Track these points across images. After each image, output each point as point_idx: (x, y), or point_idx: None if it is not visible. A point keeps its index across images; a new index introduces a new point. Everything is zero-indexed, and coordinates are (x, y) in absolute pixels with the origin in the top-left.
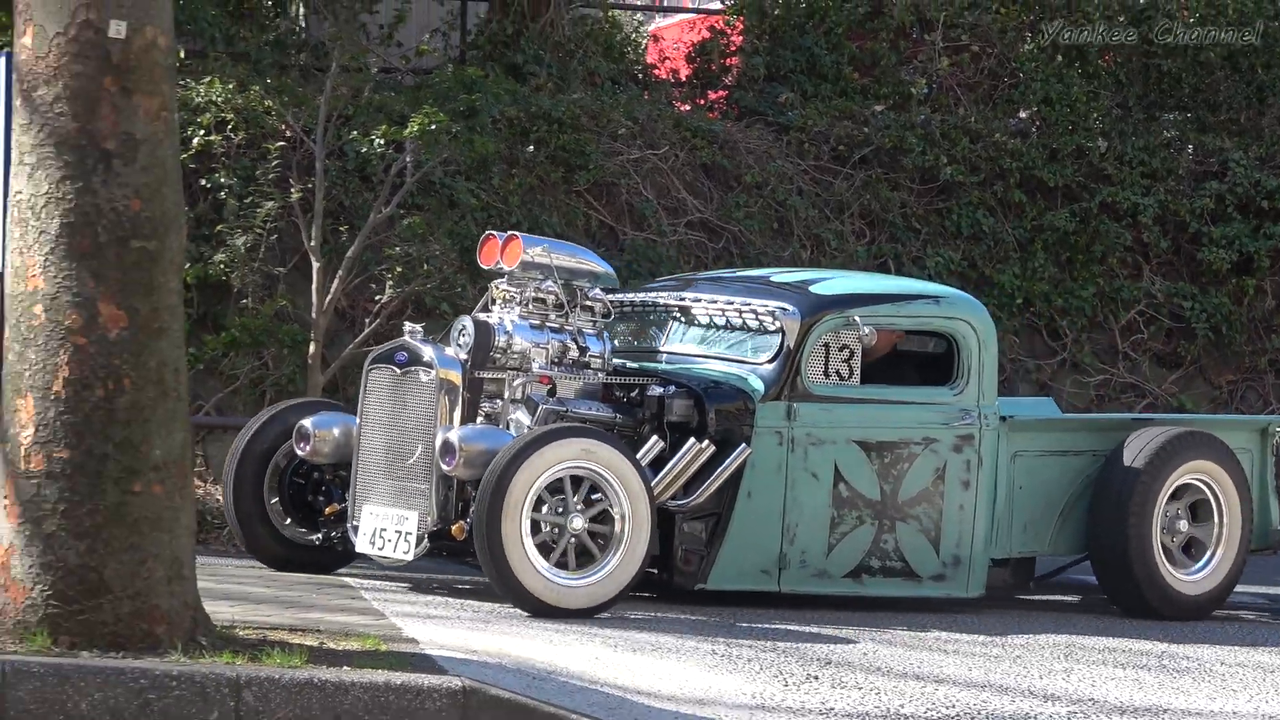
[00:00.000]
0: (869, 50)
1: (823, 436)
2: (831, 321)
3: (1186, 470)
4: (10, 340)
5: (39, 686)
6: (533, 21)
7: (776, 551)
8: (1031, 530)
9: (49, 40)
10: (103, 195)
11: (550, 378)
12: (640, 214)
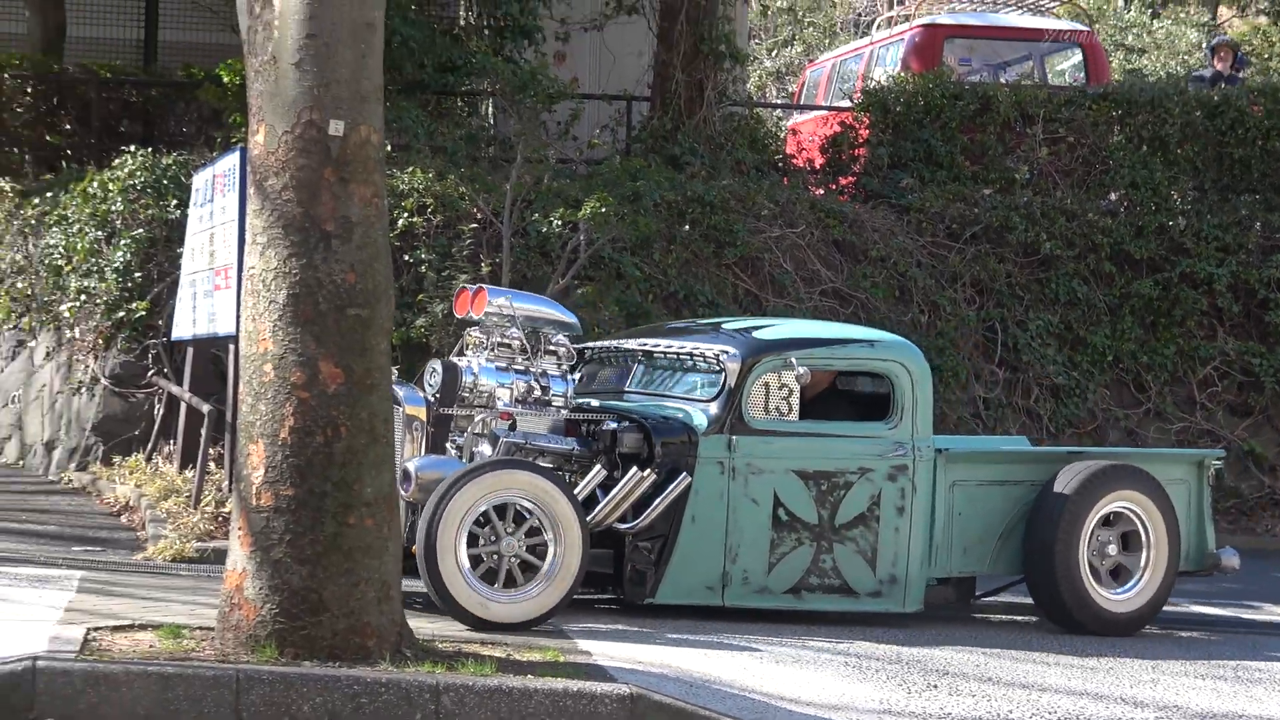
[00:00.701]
0: (978, 141)
1: (762, 466)
2: (770, 363)
3: (1113, 499)
4: (244, 394)
5: (268, 692)
6: (688, 118)
7: (720, 570)
8: (971, 553)
9: (278, 137)
10: (323, 270)
11: (511, 414)
12: (780, 284)
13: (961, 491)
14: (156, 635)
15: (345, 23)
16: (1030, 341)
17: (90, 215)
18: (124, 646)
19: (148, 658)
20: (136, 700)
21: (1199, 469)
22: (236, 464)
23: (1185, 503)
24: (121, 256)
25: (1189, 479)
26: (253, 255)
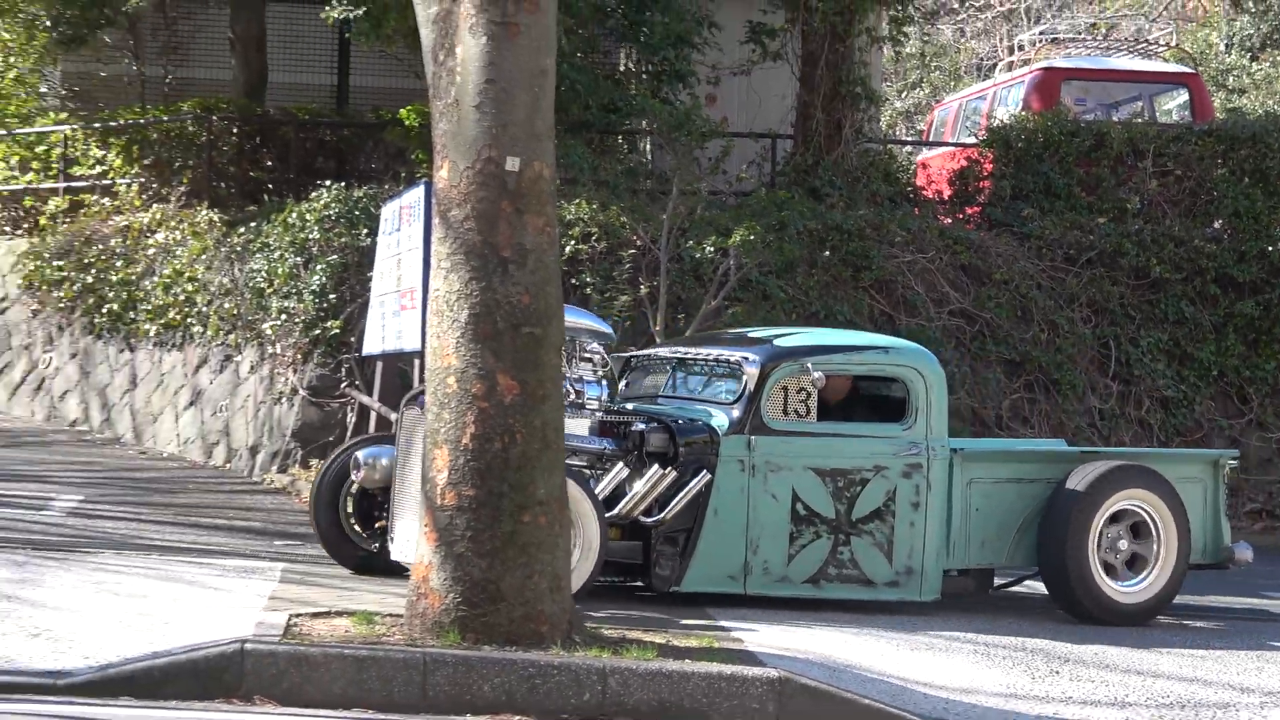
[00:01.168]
0: (1093, 174)
1: (781, 464)
2: (787, 368)
3: (1122, 497)
4: (430, 404)
5: (451, 673)
6: (827, 154)
7: (741, 561)
8: (989, 546)
9: (460, 172)
10: (500, 292)
11: None
12: (912, 305)
13: (978, 489)
14: (351, 622)
15: (521, 69)
16: (1141, 357)
17: (290, 243)
18: (322, 631)
19: (343, 642)
20: (334, 680)
21: (1214, 468)
22: (423, 467)
23: (1201, 500)
24: (318, 280)
25: (1204, 478)
26: (437, 279)
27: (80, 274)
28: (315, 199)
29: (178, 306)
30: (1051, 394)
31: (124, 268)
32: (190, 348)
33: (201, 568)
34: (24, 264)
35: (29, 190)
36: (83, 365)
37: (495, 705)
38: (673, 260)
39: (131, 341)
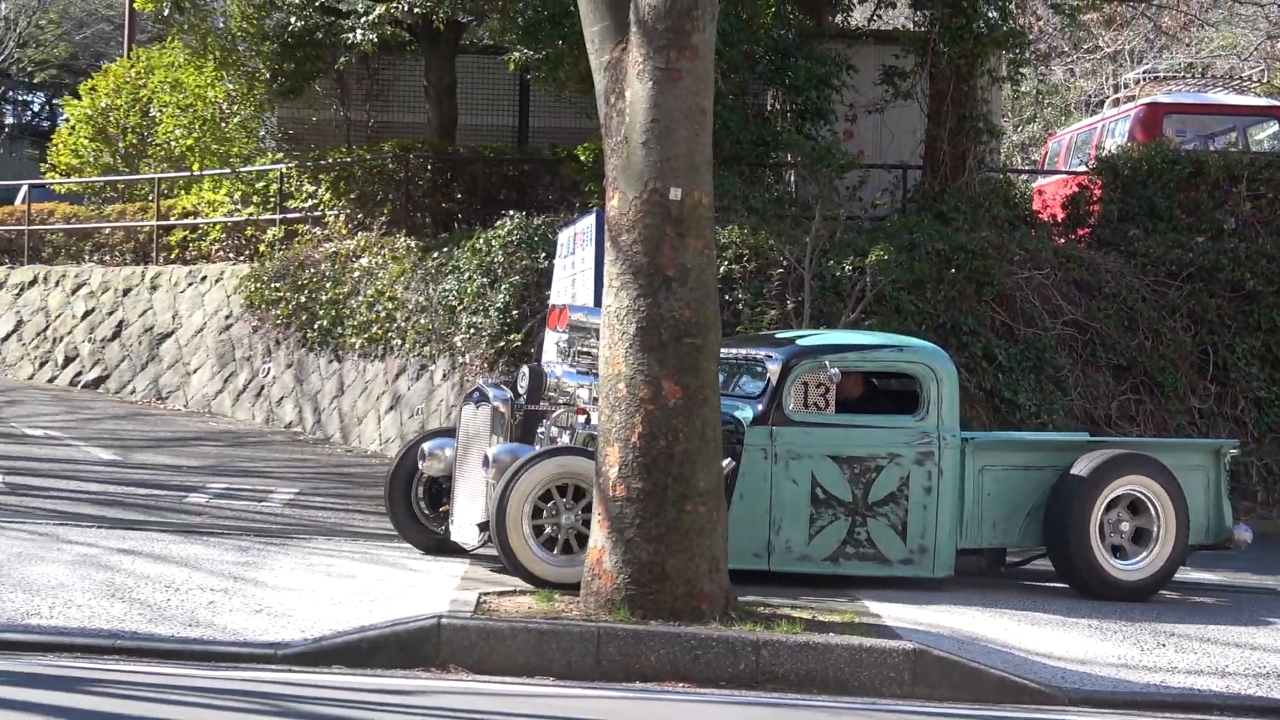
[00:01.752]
0: (1192, 198)
1: (800, 452)
2: (807, 365)
3: (1123, 483)
4: (602, 407)
5: (622, 645)
6: (953, 183)
7: (765, 540)
8: (999, 527)
9: (629, 201)
10: (665, 307)
11: (585, 409)
12: (1030, 316)
13: (990, 475)
14: (533, 599)
15: (682, 109)
16: (1237, 362)
17: (477, 266)
18: (508, 608)
19: (527, 617)
20: (519, 651)
21: (1216, 456)
22: (597, 462)
23: (1204, 486)
24: (502, 298)
25: (1207, 465)
26: (609, 296)
27: (294, 294)
28: (500, 227)
29: (379, 322)
30: (1155, 395)
31: (332, 288)
32: (390, 358)
33: (401, 552)
34: (246, 286)
35: (250, 221)
36: (297, 374)
37: (661, 674)
38: (815, 278)
39: (339, 353)
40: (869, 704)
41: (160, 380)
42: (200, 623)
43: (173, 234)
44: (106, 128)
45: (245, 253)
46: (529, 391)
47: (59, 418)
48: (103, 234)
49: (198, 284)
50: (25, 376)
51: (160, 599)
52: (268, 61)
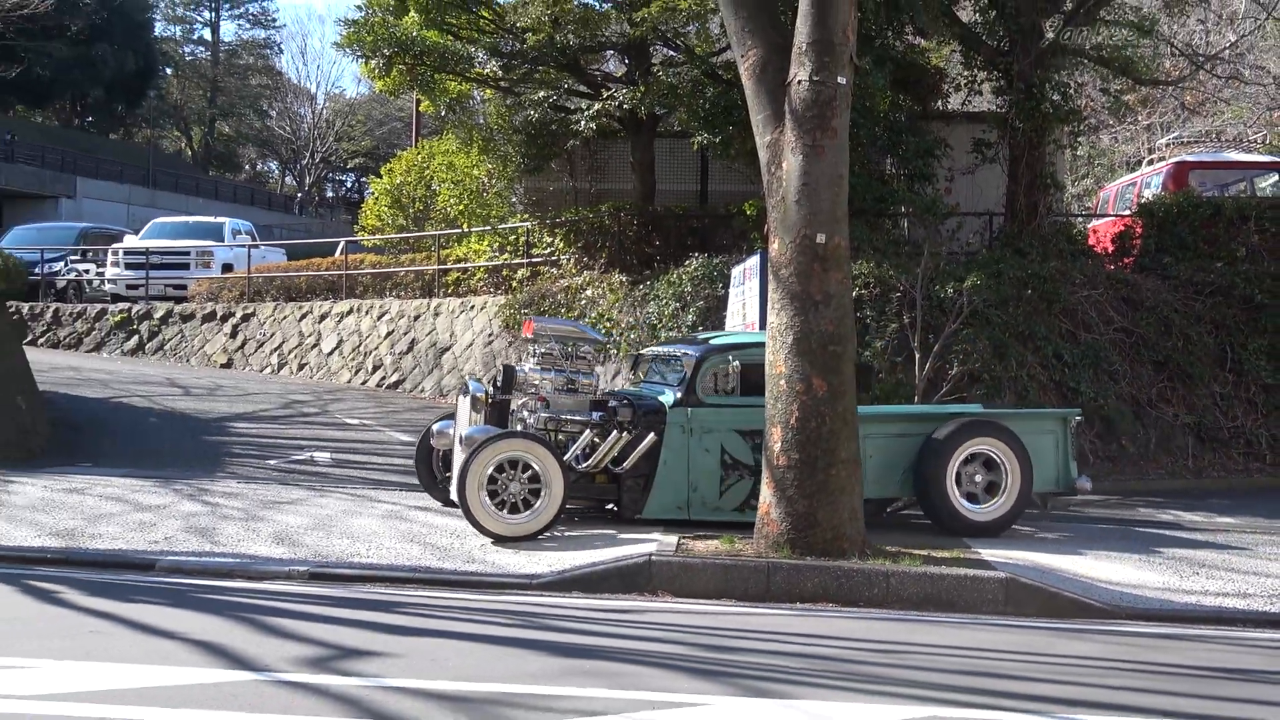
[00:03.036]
0: (1212, 233)
1: (711, 427)
2: (715, 359)
3: (973, 444)
4: (768, 399)
5: (786, 575)
6: (1028, 225)
7: (685, 496)
8: (881, 482)
9: (786, 245)
10: (814, 323)
11: (545, 398)
12: (1088, 324)
13: (872, 441)
14: (719, 543)
15: (825, 176)
16: (1249, 357)
17: (672, 294)
18: (700, 549)
19: (714, 554)
20: (709, 579)
21: (1064, 423)
22: (764, 440)
23: (1053, 446)
24: (690, 318)
25: (1056, 430)
26: (771, 315)
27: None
28: (688, 265)
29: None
30: (1186, 383)
31: (565, 313)
32: (609, 363)
33: (602, 524)
34: (503, 312)
35: (505, 265)
36: None
37: (815, 596)
38: (925, 299)
39: None
40: (972, 619)
41: (442, 382)
42: (475, 560)
43: (449, 275)
44: (400, 198)
45: (502, 288)
46: (502, 384)
47: (370, 410)
48: (398, 276)
49: (468, 311)
50: (344, 381)
51: (446, 543)
52: (516, 147)
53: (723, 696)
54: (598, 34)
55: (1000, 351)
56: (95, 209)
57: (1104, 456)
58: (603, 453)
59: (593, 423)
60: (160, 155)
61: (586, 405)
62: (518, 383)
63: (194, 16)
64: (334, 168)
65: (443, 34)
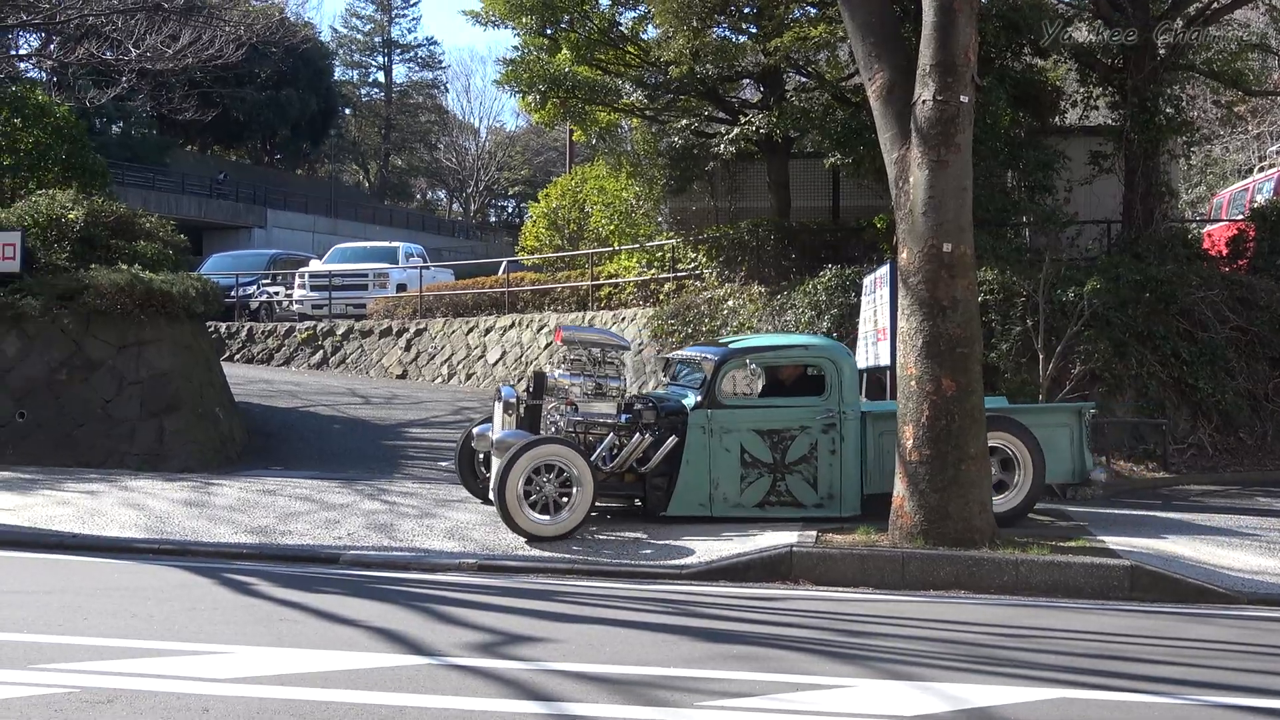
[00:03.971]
0: None
1: (730, 428)
2: (734, 363)
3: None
4: (899, 398)
5: (920, 564)
6: (1145, 231)
7: (708, 494)
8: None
9: (914, 254)
10: (942, 327)
11: (573, 401)
12: (1205, 324)
13: (887, 437)
14: (856, 534)
15: (950, 188)
16: None
17: (808, 303)
18: (839, 540)
19: (852, 545)
20: (846, 568)
21: (1078, 416)
22: (898, 437)
23: (1069, 438)
24: (825, 325)
25: (1071, 423)
26: (901, 321)
27: (684, 327)
28: (822, 276)
29: None
30: None
31: (709, 322)
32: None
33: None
34: (652, 323)
35: (652, 279)
36: None
37: (947, 584)
38: (1047, 303)
39: None
40: (1099, 605)
41: None
42: (629, 554)
43: (602, 290)
44: (556, 220)
45: (650, 300)
46: (533, 390)
47: None
48: (556, 292)
49: (619, 323)
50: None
51: (602, 538)
52: (661, 170)
53: (862, 679)
54: (734, 64)
55: (1121, 351)
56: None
57: (1223, 449)
58: (628, 453)
59: (620, 425)
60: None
61: (614, 408)
62: (549, 387)
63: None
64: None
65: (592, 69)
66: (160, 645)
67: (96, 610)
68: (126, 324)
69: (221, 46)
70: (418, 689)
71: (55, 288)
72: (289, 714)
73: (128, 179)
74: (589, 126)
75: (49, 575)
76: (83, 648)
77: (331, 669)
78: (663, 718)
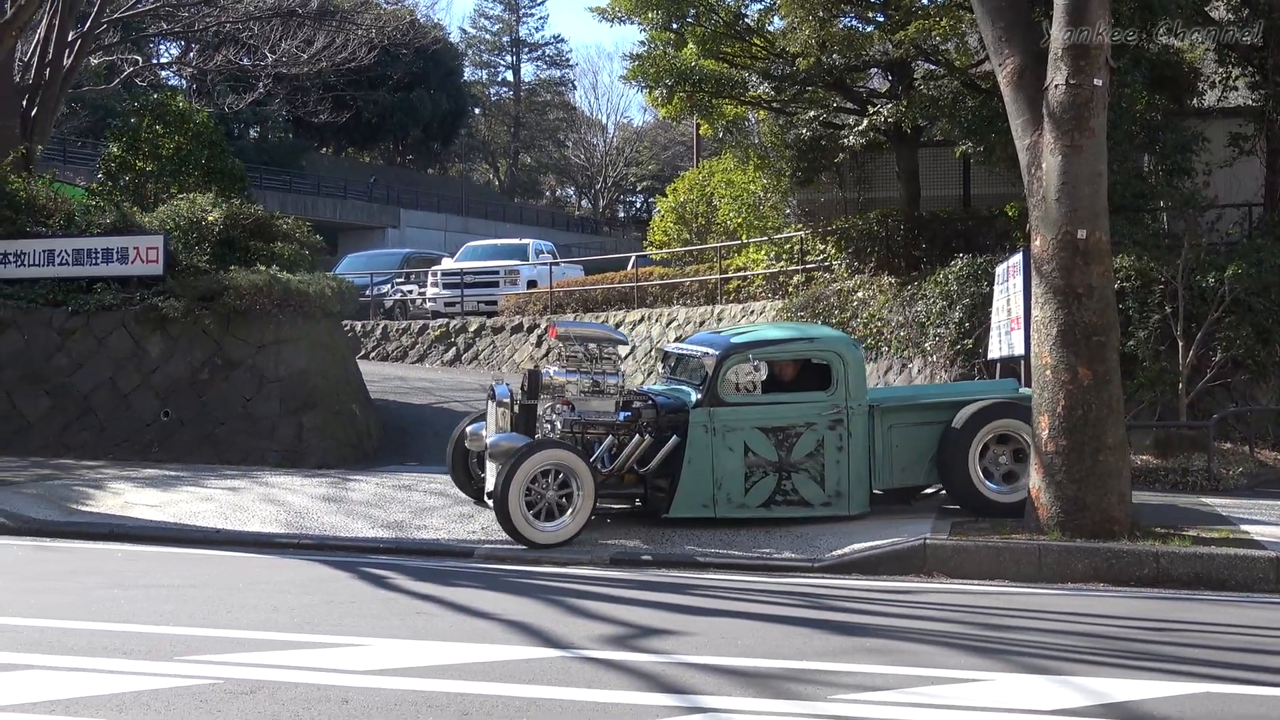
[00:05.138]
0: None
1: (734, 426)
2: (736, 359)
3: (996, 427)
4: (1034, 388)
5: (1056, 557)
6: None
7: (711, 494)
8: (907, 471)
9: (1048, 242)
10: (1077, 315)
11: (569, 401)
12: None
13: (896, 431)
14: (989, 526)
15: (1084, 173)
16: None
17: (939, 293)
18: (972, 533)
19: (986, 538)
20: (980, 561)
21: None
22: (1032, 427)
23: None
24: (957, 315)
25: None
26: (1036, 309)
27: (813, 319)
28: (953, 265)
29: (872, 335)
30: None
31: (839, 314)
32: (881, 360)
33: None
34: (781, 315)
35: (781, 272)
36: None
37: (1085, 577)
38: (1186, 289)
39: None
40: (1243, 597)
41: None
42: (759, 545)
43: (730, 283)
44: (684, 214)
45: (779, 293)
46: (528, 388)
47: None
48: (684, 285)
49: (748, 316)
50: (639, 383)
51: (728, 537)
52: (788, 162)
53: (1000, 673)
54: (862, 54)
55: (1264, 337)
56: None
57: None
58: (627, 454)
59: (618, 424)
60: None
61: (612, 406)
62: (544, 385)
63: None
64: (624, 190)
65: (718, 62)
66: (300, 638)
67: (239, 604)
68: (265, 324)
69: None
70: (551, 681)
71: (196, 289)
72: (426, 706)
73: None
74: (716, 120)
75: (193, 569)
76: (226, 640)
77: (467, 661)
78: (797, 710)
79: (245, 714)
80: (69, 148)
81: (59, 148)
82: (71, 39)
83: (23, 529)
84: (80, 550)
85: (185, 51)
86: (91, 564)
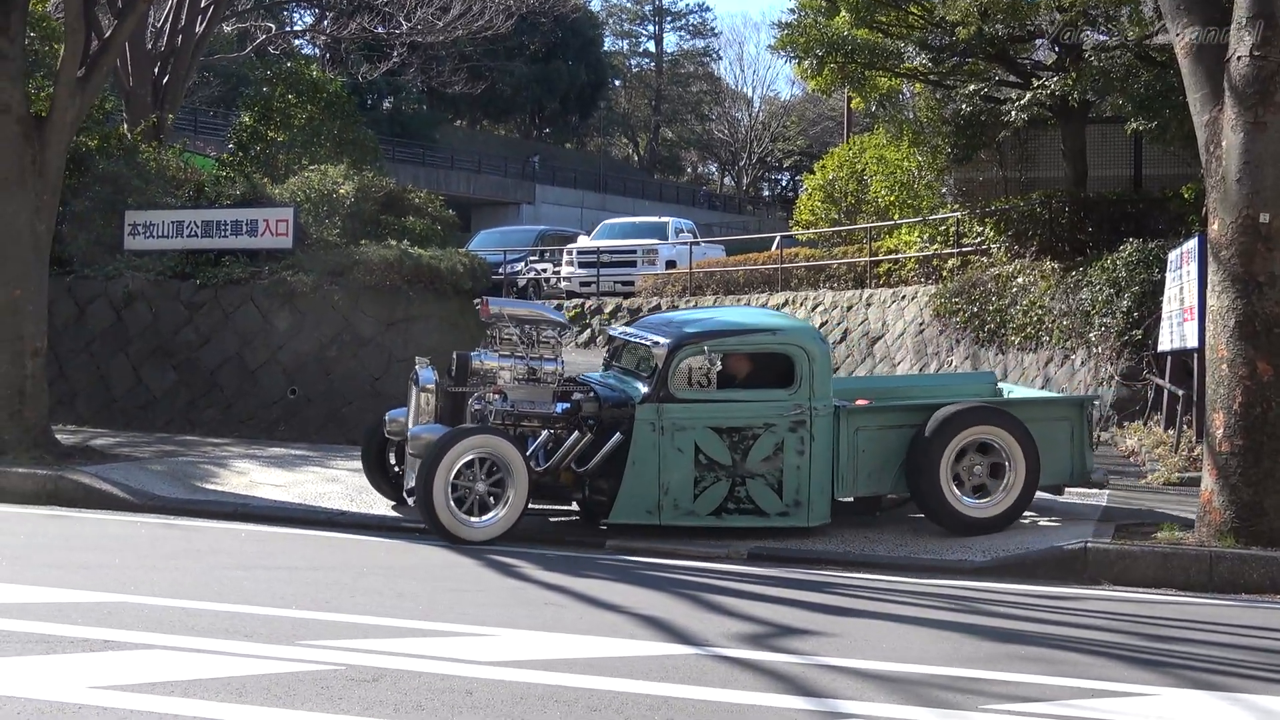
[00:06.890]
0: None
1: (684, 425)
2: (689, 350)
3: (970, 434)
4: (1209, 384)
5: (1230, 565)
6: None
7: (656, 499)
8: (873, 478)
9: (1226, 226)
10: (1257, 305)
11: (501, 389)
12: None
13: (863, 435)
14: (1159, 530)
15: (1268, 153)
16: None
17: (1106, 280)
18: (1138, 537)
19: (1153, 543)
20: (1146, 567)
21: (1080, 409)
22: (1205, 426)
23: (1068, 435)
24: (1125, 304)
25: (1071, 417)
26: (1211, 298)
27: (969, 305)
28: (1122, 251)
29: (1032, 324)
30: None
31: (997, 301)
32: (1041, 351)
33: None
34: (934, 301)
35: (935, 255)
36: (972, 364)
37: (1262, 588)
38: None
39: (1003, 348)
40: None
41: (874, 370)
42: (905, 545)
43: (880, 266)
44: (832, 193)
45: (932, 277)
46: (456, 374)
47: None
48: (831, 268)
49: (899, 301)
50: None
51: (873, 534)
52: (945, 139)
53: (1165, 687)
54: (1026, 23)
55: None
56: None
57: None
58: (564, 452)
59: (555, 416)
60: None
61: (549, 396)
62: (473, 371)
63: (639, 30)
64: (769, 167)
65: (872, 31)
66: (424, 625)
67: (363, 588)
68: (395, 300)
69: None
70: (684, 679)
71: (326, 263)
72: (552, 700)
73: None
74: (868, 93)
75: (318, 552)
76: (349, 625)
77: (596, 655)
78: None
79: (366, 702)
80: (200, 117)
81: (190, 117)
82: (204, 4)
83: (148, 505)
84: (205, 529)
85: (319, 19)
86: (216, 543)
